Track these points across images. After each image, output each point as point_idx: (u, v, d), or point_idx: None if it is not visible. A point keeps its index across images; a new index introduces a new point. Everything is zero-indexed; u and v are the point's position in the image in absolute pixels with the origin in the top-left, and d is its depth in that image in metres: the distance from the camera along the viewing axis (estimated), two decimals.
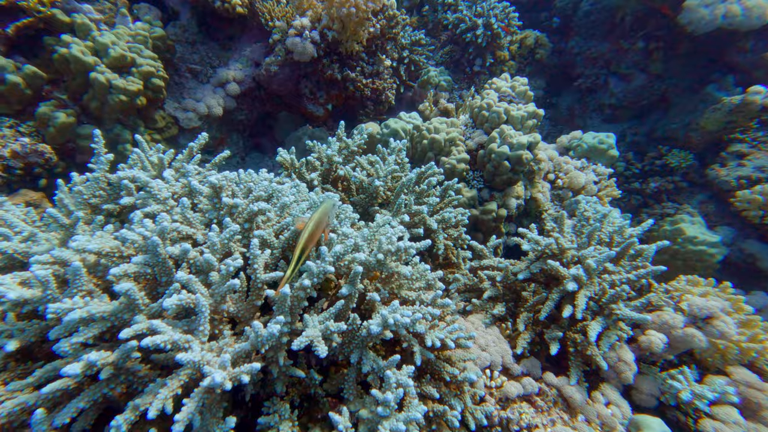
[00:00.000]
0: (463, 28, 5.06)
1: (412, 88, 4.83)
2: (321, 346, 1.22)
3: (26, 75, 2.42)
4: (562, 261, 2.10)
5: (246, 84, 3.48)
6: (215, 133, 3.43)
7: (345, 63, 3.47)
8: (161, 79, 2.84)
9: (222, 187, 1.50)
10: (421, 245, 1.69)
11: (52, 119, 2.46)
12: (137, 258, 1.17)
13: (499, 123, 3.16)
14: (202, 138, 2.09)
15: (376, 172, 2.34)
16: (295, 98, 3.56)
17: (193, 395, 1.01)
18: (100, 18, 2.83)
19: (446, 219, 2.32)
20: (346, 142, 2.54)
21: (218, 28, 3.62)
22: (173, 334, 1.03)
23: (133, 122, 2.79)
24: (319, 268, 1.31)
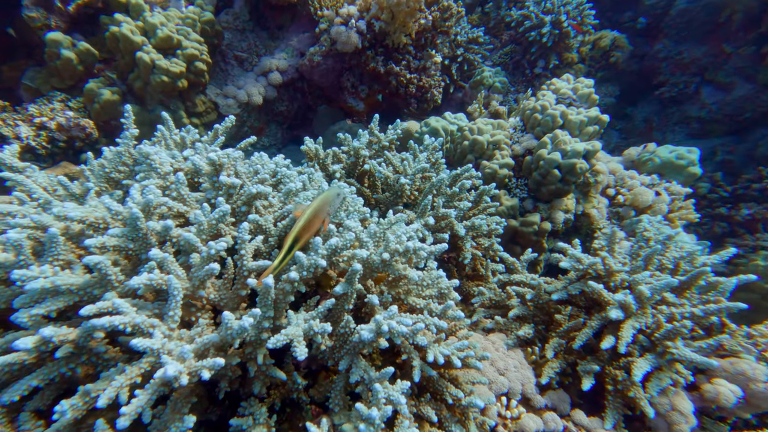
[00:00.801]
0: (528, 25, 4.78)
1: (463, 89, 4.63)
2: (300, 348, 1.10)
3: (80, 51, 2.58)
4: (609, 285, 1.82)
5: (289, 74, 3.49)
6: (254, 122, 3.48)
7: (390, 56, 3.37)
8: (204, 63, 2.91)
9: (222, 165, 1.44)
10: (436, 248, 1.52)
11: (98, 96, 2.59)
12: (114, 230, 1.11)
13: (552, 128, 2.89)
14: (228, 121, 2.07)
15: (404, 169, 2.20)
16: (336, 91, 3.51)
17: (147, 387, 0.92)
18: (155, 0, 2.97)
19: (477, 226, 2.11)
20: (377, 135, 2.42)
21: (269, 17, 3.68)
22: (135, 317, 0.95)
23: (174, 104, 2.88)
24: (310, 260, 1.19)
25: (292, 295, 1.21)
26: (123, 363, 1.02)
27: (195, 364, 0.97)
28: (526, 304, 2.01)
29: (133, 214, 1.07)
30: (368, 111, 3.52)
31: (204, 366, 0.97)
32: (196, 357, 1.01)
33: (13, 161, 1.59)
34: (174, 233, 1.16)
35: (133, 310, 0.97)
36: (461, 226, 2.08)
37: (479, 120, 2.89)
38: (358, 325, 1.31)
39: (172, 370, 0.88)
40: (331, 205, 1.37)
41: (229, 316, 1.01)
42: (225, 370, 1.16)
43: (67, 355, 1.00)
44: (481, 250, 2.27)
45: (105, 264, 1.03)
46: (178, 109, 2.90)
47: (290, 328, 1.14)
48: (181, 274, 1.11)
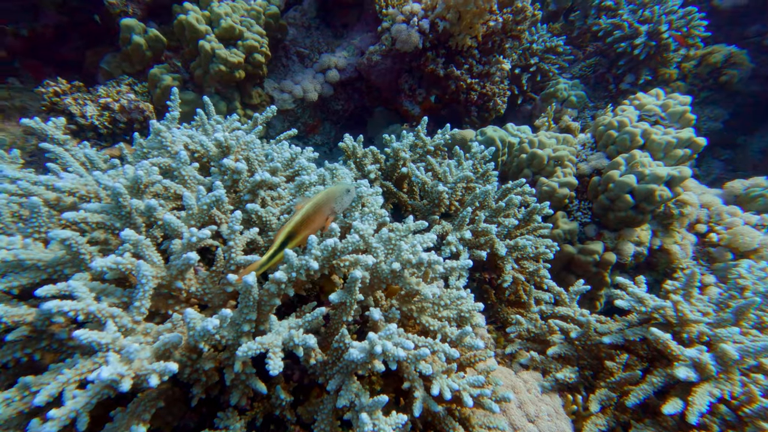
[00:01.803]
0: (618, 36, 4.36)
1: (532, 101, 4.33)
2: (274, 360, 0.98)
3: (149, 38, 2.76)
4: (680, 336, 1.50)
5: (347, 73, 3.48)
6: (308, 119, 3.51)
7: (452, 59, 3.22)
8: (263, 55, 2.98)
9: (230, 148, 1.38)
10: (458, 264, 1.33)
11: (160, 81, 2.76)
12: (93, 205, 1.06)
13: (630, 147, 2.54)
14: (269, 111, 2.06)
15: (444, 176, 2.03)
16: (393, 93, 3.43)
17: (88, 389, 0.82)
18: None
19: (521, 247, 1.88)
20: (422, 138, 2.28)
21: (336, 15, 3.71)
22: (89, 303, 0.87)
23: (230, 95, 2.98)
24: (301, 261, 1.08)
25: (278, 298, 1.09)
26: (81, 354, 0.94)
27: (147, 366, 0.86)
28: (571, 342, 1.73)
29: (115, 189, 1.02)
30: (424, 116, 3.38)
31: (153, 370, 0.85)
32: (155, 358, 0.91)
33: (56, 133, 1.68)
34: (159, 214, 1.10)
35: (91, 296, 0.89)
36: (502, 245, 1.86)
37: (542, 133, 2.63)
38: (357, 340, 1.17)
39: (107, 373, 0.77)
40: (337, 201, 1.25)
41: (192, 314, 0.91)
42: (198, 375, 1.06)
43: (23, 339, 0.93)
44: (524, 274, 2.02)
45: (75, 240, 0.97)
46: (233, 100, 3.00)
47: (268, 336, 1.02)
48: (157, 261, 1.03)
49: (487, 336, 2.00)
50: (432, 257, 1.23)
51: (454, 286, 1.58)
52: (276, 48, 3.40)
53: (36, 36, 2.96)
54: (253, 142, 1.45)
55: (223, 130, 1.96)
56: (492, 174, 2.23)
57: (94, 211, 1.05)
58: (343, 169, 1.86)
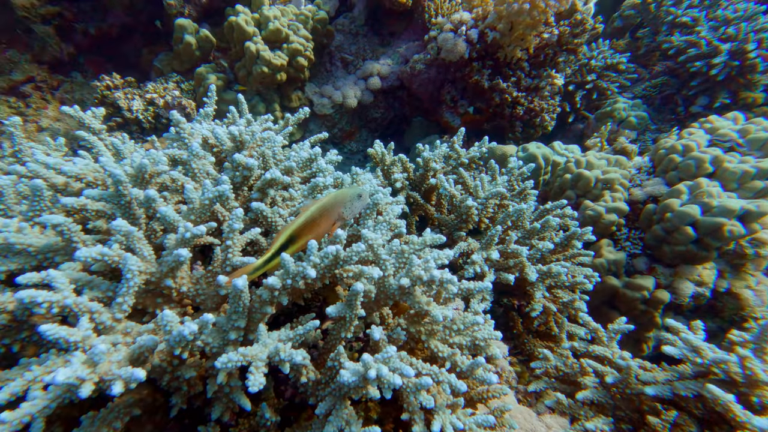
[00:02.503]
0: (692, 54, 4.02)
1: (586, 120, 4.06)
2: (255, 376, 0.88)
3: (200, 38, 2.87)
4: (748, 399, 1.25)
5: (389, 81, 3.43)
6: (345, 125, 3.49)
7: (499, 71, 3.08)
8: (306, 59, 3.00)
9: (244, 143, 1.34)
10: (477, 286, 1.20)
11: (205, 80, 2.84)
12: (92, 191, 1.03)
13: (695, 174, 2.27)
14: (301, 113, 2.03)
15: (475, 190, 1.89)
16: (434, 103, 3.34)
17: (49, 391, 0.75)
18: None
19: (555, 274, 1.69)
20: (457, 150, 2.15)
21: (384, 23, 3.70)
22: (66, 296, 0.81)
23: (271, 96, 3.02)
24: (298, 268, 0.99)
25: (271, 306, 1.01)
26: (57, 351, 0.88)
27: (114, 371, 0.79)
28: (607, 388, 1.51)
29: (115, 176, 0.98)
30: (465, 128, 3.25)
31: (119, 377, 0.78)
32: (129, 362, 0.85)
33: (92, 122, 1.73)
34: (158, 206, 1.06)
35: (70, 288, 0.84)
36: (533, 270, 1.68)
37: (591, 153, 2.41)
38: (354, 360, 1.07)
39: (63, 377, 0.71)
40: (346, 206, 1.15)
41: (169, 317, 0.84)
42: (178, 383, 0.99)
43: (1, 328, 0.89)
44: (557, 304, 1.82)
45: (68, 227, 0.94)
46: (273, 102, 3.04)
47: (253, 348, 0.93)
48: (147, 255, 0.98)
49: (508, 369, 1.81)
50: (445, 276, 1.10)
51: (473, 310, 1.43)
52: (321, 53, 3.43)
53: (102, 34, 3.17)
54: (270, 140, 1.40)
55: (244, 125, 1.95)
56: (530, 193, 2.06)
57: (93, 198, 1.03)
58: (366, 175, 1.77)
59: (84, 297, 0.85)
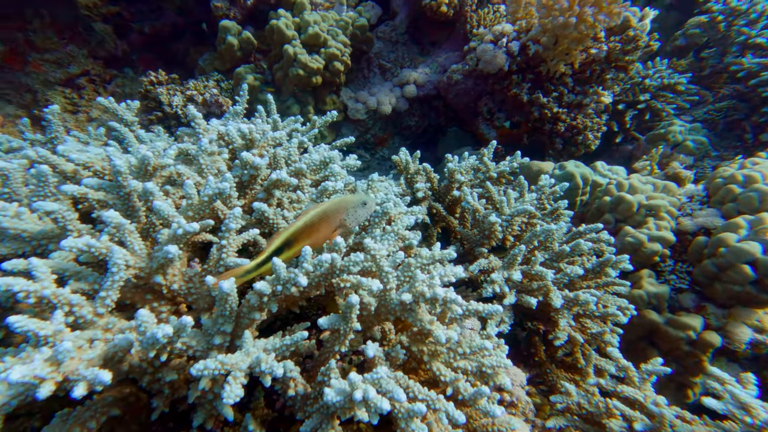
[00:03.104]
0: (765, 78, 3.72)
1: (636, 141, 3.81)
2: (232, 386, 0.83)
3: (242, 39, 2.95)
4: None
5: (426, 89, 3.39)
6: (378, 131, 3.46)
7: (540, 85, 2.95)
8: (343, 64, 3.02)
9: (254, 141, 1.32)
10: (486, 308, 1.11)
11: (243, 79, 2.92)
12: (90, 180, 1.03)
13: (758, 209, 2.05)
14: (329, 116, 2.03)
15: (501, 205, 1.79)
16: (470, 115, 3.25)
17: (11, 387, 0.70)
18: (320, 2, 3.26)
19: (582, 302, 1.56)
20: (486, 163, 2.06)
21: (426, 33, 3.67)
22: (45, 287, 0.79)
23: (305, 99, 3.06)
24: (289, 274, 0.95)
25: (260, 312, 0.97)
26: None
27: (80, 371, 0.74)
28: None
29: (115, 167, 0.97)
30: (500, 142, 3.14)
31: (83, 378, 0.73)
32: (103, 361, 0.81)
33: (125, 114, 1.78)
34: (157, 199, 1.04)
35: (51, 277, 0.81)
36: (558, 295, 1.56)
37: (636, 176, 2.24)
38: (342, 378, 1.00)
39: (18, 375, 0.67)
40: (349, 213, 1.10)
41: (144, 316, 0.80)
42: (159, 385, 0.96)
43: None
44: (585, 334, 1.68)
45: (62, 215, 0.93)
46: (307, 104, 3.07)
47: (235, 356, 0.88)
48: (138, 249, 0.96)
49: (525, 399, 1.68)
50: (449, 294, 1.03)
51: (485, 333, 1.33)
52: (359, 59, 3.44)
53: (155, 33, 3.34)
54: (281, 139, 1.38)
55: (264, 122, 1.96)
56: (563, 213, 1.93)
57: (92, 187, 1.03)
58: (384, 183, 1.73)
59: (67, 288, 0.83)
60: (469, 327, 1.68)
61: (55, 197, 1.03)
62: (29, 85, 2.87)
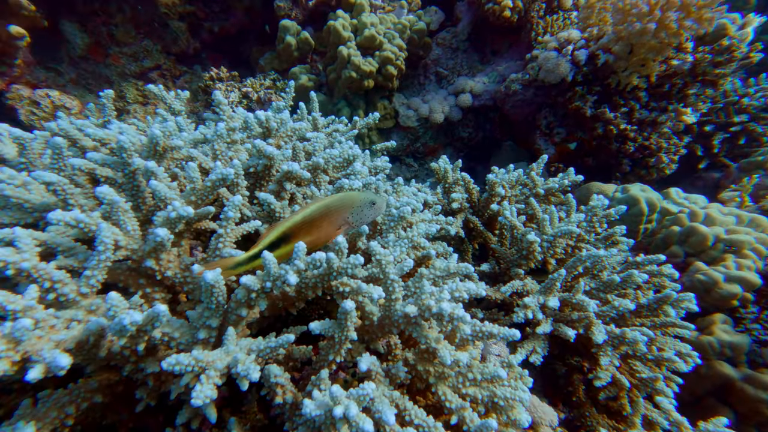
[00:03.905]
0: None
1: (725, 168, 3.37)
2: (203, 387, 0.77)
3: (300, 39, 3.03)
4: None
5: (482, 99, 3.25)
6: (428, 140, 3.38)
7: (608, 99, 2.70)
8: (396, 68, 2.99)
9: (270, 130, 1.29)
10: (502, 332, 0.99)
11: (297, 79, 2.98)
12: (95, 155, 1.02)
13: None
14: (370, 118, 2.00)
15: (542, 224, 1.63)
16: (527, 128, 3.06)
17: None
18: (381, 5, 3.27)
19: (630, 341, 1.36)
20: (533, 178, 1.91)
21: (488, 41, 3.55)
22: (25, 258, 0.76)
23: (356, 102, 3.06)
24: (279, 271, 0.89)
25: (247, 309, 0.92)
26: None
27: (43, 353, 0.71)
28: None
29: (119, 142, 0.96)
30: (559, 160, 2.92)
31: (42, 360, 0.70)
32: (75, 344, 0.78)
33: (174, 103, 1.87)
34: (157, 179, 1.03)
35: (34, 250, 0.79)
36: (602, 330, 1.38)
37: (714, 205, 1.95)
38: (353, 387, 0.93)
39: None
40: (354, 211, 1.03)
41: (114, 300, 0.78)
42: (142, 376, 0.93)
43: None
44: (633, 379, 1.47)
45: (62, 187, 0.93)
46: (357, 108, 3.07)
47: (213, 354, 0.84)
48: (131, 229, 0.94)
49: None
50: (457, 312, 0.92)
51: (506, 361, 1.20)
52: (416, 64, 3.40)
53: (224, 33, 3.55)
54: (301, 131, 1.35)
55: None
56: (620, 240, 1.73)
57: (96, 162, 1.03)
58: (410, 189, 1.65)
59: (51, 264, 0.81)
60: (495, 353, 1.54)
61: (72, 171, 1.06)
62: (108, 75, 3.16)
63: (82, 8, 3.04)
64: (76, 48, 3.06)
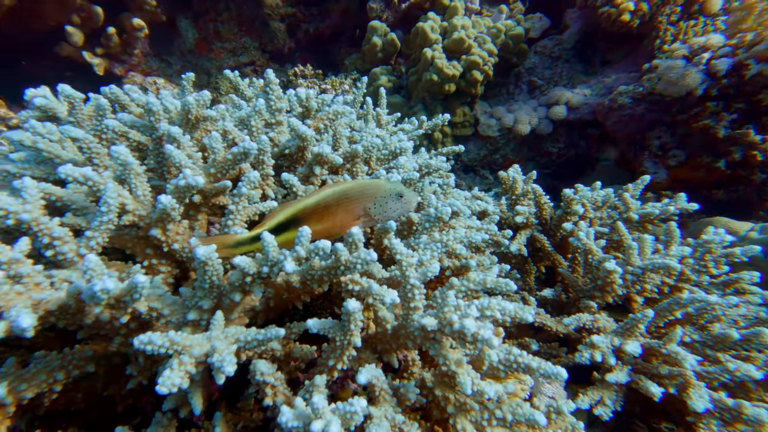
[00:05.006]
0: None
1: None
2: (172, 373, 0.66)
3: (386, 41, 2.99)
4: None
5: (580, 113, 2.88)
6: (509, 153, 3.08)
7: (754, 119, 2.18)
8: (482, 74, 2.77)
9: (310, 110, 1.19)
10: (543, 367, 0.78)
11: (376, 80, 2.94)
12: (125, 116, 1.01)
13: None
14: (440, 119, 1.88)
15: (629, 253, 1.30)
16: (633, 148, 2.62)
17: None
18: (478, 9, 3.10)
19: (753, 417, 0.99)
20: (626, 200, 1.57)
21: (599, 50, 3.17)
22: (27, 209, 0.74)
23: (434, 107, 2.90)
24: (278, 255, 0.76)
25: (240, 294, 0.80)
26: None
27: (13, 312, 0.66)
28: None
29: (148, 105, 0.93)
30: (672, 188, 2.43)
31: (7, 318, 0.66)
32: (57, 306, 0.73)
33: (246, 90, 1.92)
34: (178, 144, 0.97)
35: (39, 202, 0.77)
36: (704, 395, 1.04)
37: None
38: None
39: None
40: (376, 202, 0.89)
41: (91, 262, 0.71)
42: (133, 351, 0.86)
43: None
44: None
45: (87, 144, 0.92)
46: (435, 112, 2.91)
47: (193, 338, 0.72)
48: (141, 194, 0.89)
49: None
50: (483, 332, 0.71)
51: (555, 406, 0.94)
52: (507, 72, 3.15)
53: (318, 34, 3.68)
54: (343, 115, 1.23)
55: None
56: (750, 290, 1.32)
57: (125, 123, 1.01)
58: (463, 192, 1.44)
59: (55, 219, 0.79)
60: (548, 394, 1.25)
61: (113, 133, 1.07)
62: (209, 68, 3.45)
63: (197, 6, 3.38)
64: (186, 42, 3.40)
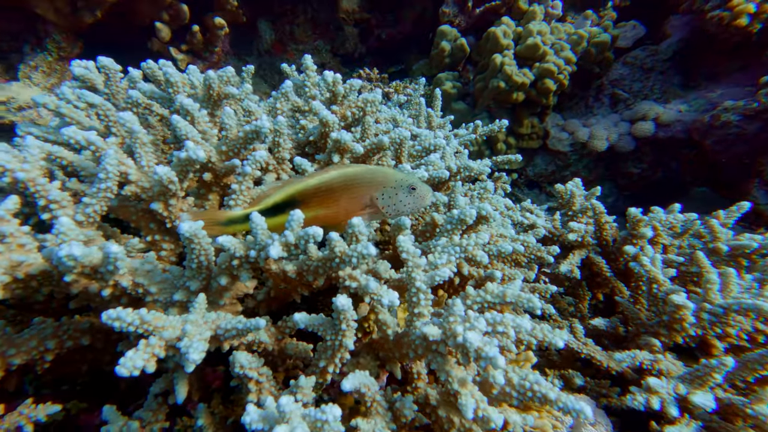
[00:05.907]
0: None
1: None
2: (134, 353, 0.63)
3: (455, 46, 2.89)
4: None
5: (671, 131, 2.55)
6: (581, 169, 2.81)
7: None
8: (556, 83, 2.57)
9: (337, 95, 1.14)
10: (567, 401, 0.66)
11: (441, 85, 2.85)
12: (144, 85, 1.02)
13: None
14: (496, 125, 1.79)
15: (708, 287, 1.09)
16: (739, 173, 2.25)
17: None
18: (559, 15, 2.91)
19: None
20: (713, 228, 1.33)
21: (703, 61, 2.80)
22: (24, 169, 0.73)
23: (499, 116, 2.75)
24: (267, 239, 0.72)
25: (226, 277, 0.77)
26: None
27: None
28: None
29: (167, 75, 0.94)
30: None
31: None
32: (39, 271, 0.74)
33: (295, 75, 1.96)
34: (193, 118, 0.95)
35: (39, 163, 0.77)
36: None
37: None
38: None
39: None
40: (385, 192, 0.81)
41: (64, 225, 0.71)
42: None
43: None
44: None
45: (105, 112, 0.93)
46: None
47: (168, 320, 0.70)
48: (145, 165, 0.87)
49: None
50: (488, 349, 0.62)
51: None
52: (587, 83, 2.90)
53: (389, 39, 3.70)
54: (374, 104, 1.17)
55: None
56: None
57: (144, 93, 1.02)
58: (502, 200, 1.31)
59: (56, 182, 0.79)
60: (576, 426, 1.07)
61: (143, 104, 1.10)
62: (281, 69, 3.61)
63: (277, 8, 3.57)
64: (264, 43, 3.60)
